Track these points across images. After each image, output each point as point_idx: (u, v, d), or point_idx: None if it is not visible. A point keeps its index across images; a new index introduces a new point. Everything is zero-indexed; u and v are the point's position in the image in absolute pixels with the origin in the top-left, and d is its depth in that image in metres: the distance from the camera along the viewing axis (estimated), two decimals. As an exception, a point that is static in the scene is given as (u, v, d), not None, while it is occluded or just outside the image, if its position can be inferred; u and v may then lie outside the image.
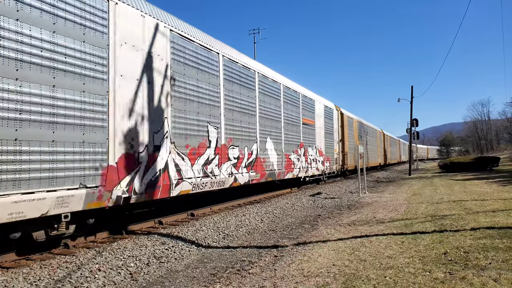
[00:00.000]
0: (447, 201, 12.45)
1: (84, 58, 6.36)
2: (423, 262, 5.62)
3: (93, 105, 6.48)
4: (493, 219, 8.69)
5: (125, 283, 5.45)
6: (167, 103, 8.26)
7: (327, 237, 7.89)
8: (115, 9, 7.02)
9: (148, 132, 7.68)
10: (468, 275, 4.91)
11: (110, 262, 6.00)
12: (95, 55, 6.58)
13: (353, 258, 6.08)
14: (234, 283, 5.24)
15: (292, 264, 5.96)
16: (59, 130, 5.88)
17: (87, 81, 6.39)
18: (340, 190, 18.52)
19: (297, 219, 10.62)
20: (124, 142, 7.06)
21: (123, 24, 7.18)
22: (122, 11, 7.19)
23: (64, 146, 5.95)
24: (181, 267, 6.23)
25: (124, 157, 7.04)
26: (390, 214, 10.43)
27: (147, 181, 7.59)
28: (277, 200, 13.63)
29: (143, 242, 7.15)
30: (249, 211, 10.96)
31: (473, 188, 16.44)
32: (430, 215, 9.85)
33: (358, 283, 4.87)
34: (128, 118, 7.19)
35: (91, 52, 6.51)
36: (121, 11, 7.16)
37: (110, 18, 6.90)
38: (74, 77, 6.17)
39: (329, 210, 12.24)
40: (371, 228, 8.51)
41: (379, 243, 7.02)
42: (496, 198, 12.56)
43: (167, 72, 8.38)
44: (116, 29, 7.03)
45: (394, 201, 13.61)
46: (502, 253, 5.82)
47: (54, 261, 5.95)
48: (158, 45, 8.10)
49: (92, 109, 6.45)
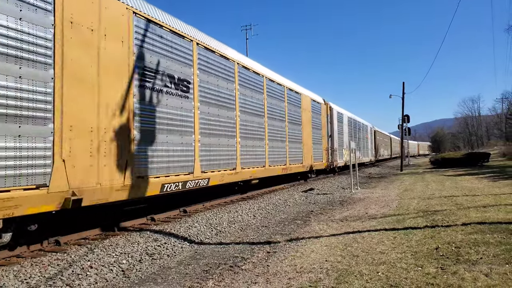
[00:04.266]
0: (438, 197, 12.54)
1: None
2: (415, 258, 5.66)
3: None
4: (484, 214, 8.77)
5: (117, 280, 5.41)
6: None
7: (319, 233, 7.90)
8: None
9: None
10: (459, 270, 4.95)
11: (102, 259, 5.95)
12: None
13: (345, 253, 6.10)
14: (227, 279, 5.22)
15: (285, 260, 5.96)
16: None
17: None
18: (332, 186, 18.58)
19: (290, 215, 10.63)
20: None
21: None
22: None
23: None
24: (173, 263, 6.21)
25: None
26: (382, 210, 10.49)
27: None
28: (269, 196, 13.63)
29: (135, 239, 7.11)
30: (241, 208, 10.95)
31: (464, 184, 16.58)
32: (422, 210, 9.92)
33: (351, 279, 4.88)
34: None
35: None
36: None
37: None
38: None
39: (322, 206, 12.27)
40: (364, 224, 8.54)
41: (372, 238, 7.06)
42: (486, 193, 12.68)
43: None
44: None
45: (386, 196, 13.69)
46: (493, 248, 5.87)
47: (45, 258, 5.90)
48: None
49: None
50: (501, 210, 9.13)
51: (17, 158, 5.43)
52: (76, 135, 6.24)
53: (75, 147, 6.22)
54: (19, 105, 5.46)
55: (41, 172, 5.71)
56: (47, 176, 5.78)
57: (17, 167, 5.43)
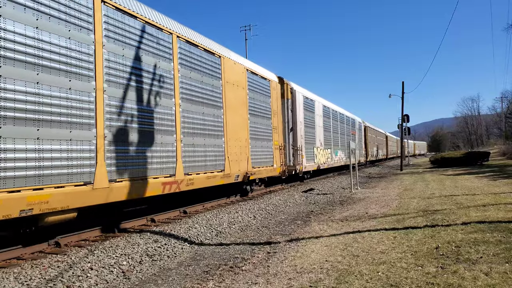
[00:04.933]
0: (438, 196, 12.54)
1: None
2: (415, 257, 5.66)
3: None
4: (483, 213, 8.78)
5: (118, 281, 5.41)
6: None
7: (319, 233, 7.90)
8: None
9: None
10: (459, 269, 4.95)
11: (102, 261, 5.95)
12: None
13: (345, 253, 6.10)
14: (227, 280, 5.22)
15: (285, 260, 5.96)
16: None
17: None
18: (333, 186, 18.59)
19: (290, 215, 10.63)
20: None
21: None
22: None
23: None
24: (174, 264, 6.21)
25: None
26: (382, 210, 10.49)
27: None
28: (269, 197, 13.63)
29: (135, 240, 7.10)
30: (241, 208, 10.95)
31: (464, 183, 16.58)
32: (422, 210, 9.92)
33: (351, 279, 4.88)
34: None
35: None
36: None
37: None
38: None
39: (322, 206, 12.28)
40: (364, 224, 8.55)
41: (372, 238, 7.06)
42: (486, 192, 12.69)
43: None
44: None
45: (386, 196, 13.69)
46: (493, 247, 5.87)
47: (46, 260, 5.89)
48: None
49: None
50: (501, 209, 9.13)
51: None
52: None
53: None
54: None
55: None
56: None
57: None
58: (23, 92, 5.68)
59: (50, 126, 6.05)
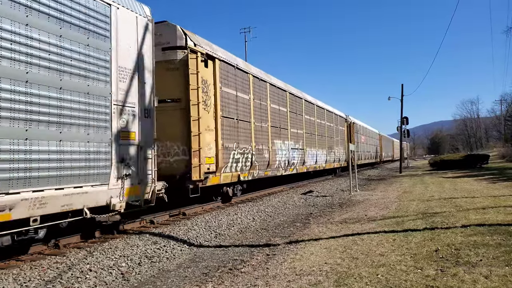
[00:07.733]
0: (437, 199, 12.54)
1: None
2: (415, 260, 5.65)
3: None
4: (483, 216, 8.77)
5: (117, 283, 5.40)
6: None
7: (319, 235, 7.90)
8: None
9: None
10: (459, 272, 4.95)
11: (101, 262, 5.94)
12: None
13: (345, 256, 6.09)
14: (227, 282, 5.22)
15: (284, 262, 5.95)
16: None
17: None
18: (332, 188, 18.58)
19: (289, 217, 10.62)
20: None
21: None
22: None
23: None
24: (173, 266, 6.20)
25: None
26: (382, 212, 10.48)
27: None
28: (269, 199, 13.62)
29: (134, 242, 7.09)
30: (240, 210, 10.94)
31: (463, 186, 16.58)
32: (421, 212, 9.91)
33: (350, 281, 4.88)
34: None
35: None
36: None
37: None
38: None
39: (321, 208, 12.27)
40: (363, 226, 8.54)
41: (371, 241, 7.05)
42: (486, 195, 12.68)
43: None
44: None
45: (385, 198, 13.68)
46: (493, 250, 5.87)
47: (45, 261, 5.88)
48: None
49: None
50: (501, 212, 9.13)
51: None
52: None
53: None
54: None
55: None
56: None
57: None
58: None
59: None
